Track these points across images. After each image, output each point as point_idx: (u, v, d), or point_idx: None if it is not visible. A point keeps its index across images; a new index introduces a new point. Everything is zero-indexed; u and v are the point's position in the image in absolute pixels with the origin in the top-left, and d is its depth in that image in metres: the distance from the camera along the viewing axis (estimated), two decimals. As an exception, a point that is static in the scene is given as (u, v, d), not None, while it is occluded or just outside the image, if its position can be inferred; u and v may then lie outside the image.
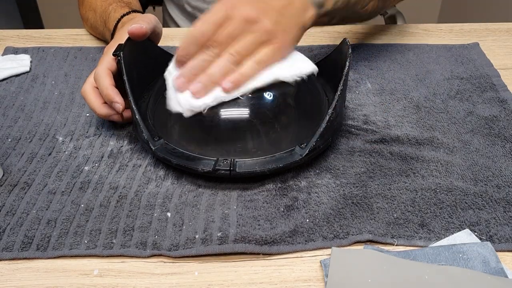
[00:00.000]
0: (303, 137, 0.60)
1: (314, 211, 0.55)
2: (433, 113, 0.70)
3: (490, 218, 0.54)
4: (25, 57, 0.82)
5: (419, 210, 0.55)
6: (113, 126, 0.68)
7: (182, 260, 0.51)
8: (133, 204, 0.56)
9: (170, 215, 0.55)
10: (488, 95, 0.73)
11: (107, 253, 0.51)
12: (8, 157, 0.63)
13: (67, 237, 0.52)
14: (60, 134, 0.67)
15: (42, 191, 0.58)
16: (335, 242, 0.52)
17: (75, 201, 0.57)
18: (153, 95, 0.66)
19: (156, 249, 0.51)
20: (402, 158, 0.62)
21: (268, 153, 0.59)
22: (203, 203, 0.56)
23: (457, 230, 0.53)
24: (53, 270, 0.50)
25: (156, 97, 0.66)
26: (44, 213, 0.55)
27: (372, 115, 0.70)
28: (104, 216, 0.55)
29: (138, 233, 0.53)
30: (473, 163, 0.61)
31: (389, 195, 0.57)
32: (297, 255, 0.51)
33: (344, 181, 0.59)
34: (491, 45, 0.86)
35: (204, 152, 0.59)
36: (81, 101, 0.73)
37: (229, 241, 0.51)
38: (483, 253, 0.49)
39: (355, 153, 0.63)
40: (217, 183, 0.59)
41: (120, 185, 0.59)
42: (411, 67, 0.80)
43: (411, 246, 0.52)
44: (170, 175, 0.60)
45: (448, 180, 0.59)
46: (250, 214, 0.55)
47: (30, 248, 0.51)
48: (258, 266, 0.51)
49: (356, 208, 0.55)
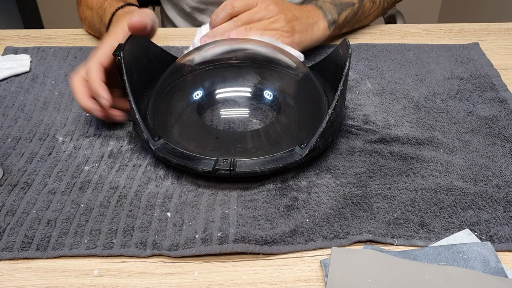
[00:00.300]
0: (303, 137, 0.60)
1: (314, 211, 0.55)
2: (433, 113, 0.70)
3: (490, 218, 0.54)
4: (25, 57, 0.82)
5: (419, 210, 0.55)
6: (113, 126, 0.68)
7: (182, 260, 0.51)
8: (133, 204, 0.56)
9: (170, 215, 0.55)
10: (488, 95, 0.73)
11: (107, 253, 0.51)
12: (8, 157, 0.63)
13: (67, 237, 0.52)
14: (60, 134, 0.67)
15: (42, 191, 0.58)
16: (335, 242, 0.52)
17: (75, 201, 0.56)
18: (153, 95, 0.66)
19: (156, 249, 0.51)
20: (402, 158, 0.62)
21: (268, 153, 0.59)
22: (203, 203, 0.56)
23: (457, 230, 0.53)
24: (53, 270, 0.50)
25: (156, 97, 0.66)
26: (44, 213, 0.55)
27: (372, 115, 0.70)
28: (104, 216, 0.55)
29: (138, 233, 0.53)
30: (473, 163, 0.61)
31: (389, 195, 0.57)
32: (297, 255, 0.51)
33: (344, 181, 0.59)
34: (491, 45, 0.86)
35: (204, 152, 0.59)
36: None
37: (229, 241, 0.51)
38: (483, 253, 0.49)
39: (355, 153, 0.63)
40: (217, 183, 0.59)
41: (120, 185, 0.59)
42: (411, 67, 0.80)
43: (411, 246, 0.52)
44: (170, 175, 0.60)
45: (448, 180, 0.59)
46: (250, 214, 0.54)
47: (30, 248, 0.51)
48: (258, 266, 0.50)
49: (356, 208, 0.55)
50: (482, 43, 0.86)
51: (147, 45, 0.69)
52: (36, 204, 0.56)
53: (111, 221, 0.54)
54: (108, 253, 0.51)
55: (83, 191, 0.58)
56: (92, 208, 0.56)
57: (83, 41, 0.89)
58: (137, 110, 0.61)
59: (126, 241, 0.52)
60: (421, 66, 0.81)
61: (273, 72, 0.68)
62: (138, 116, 0.60)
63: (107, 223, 0.54)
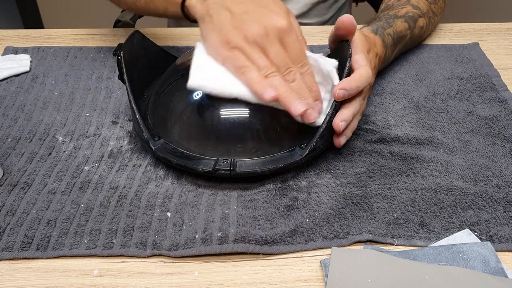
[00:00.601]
0: (303, 137, 0.60)
1: (314, 211, 0.55)
2: (433, 113, 0.70)
3: (490, 218, 0.54)
4: (25, 57, 0.82)
5: (419, 210, 0.55)
6: (113, 126, 0.68)
7: (182, 260, 0.51)
8: (133, 204, 0.56)
9: (170, 215, 0.55)
10: (488, 95, 0.73)
11: (107, 253, 0.51)
12: (8, 157, 0.63)
13: (67, 237, 0.52)
14: (60, 134, 0.67)
15: (42, 191, 0.58)
16: (335, 242, 0.52)
17: (75, 201, 0.56)
18: (153, 95, 0.66)
19: (156, 249, 0.51)
20: (402, 158, 0.62)
21: (268, 153, 0.59)
22: (203, 203, 0.56)
23: (457, 230, 0.53)
24: (53, 270, 0.50)
25: (156, 97, 0.65)
26: (44, 213, 0.55)
27: (372, 115, 0.70)
28: (104, 216, 0.55)
29: (138, 233, 0.53)
30: (473, 163, 0.61)
31: (389, 195, 0.57)
32: (297, 255, 0.51)
33: (344, 181, 0.59)
34: (491, 45, 0.86)
35: (204, 152, 0.59)
36: (81, 101, 0.73)
37: (229, 241, 0.51)
38: (483, 253, 0.49)
39: (355, 153, 0.63)
40: (217, 183, 0.59)
41: (120, 185, 0.58)
42: (411, 67, 0.80)
43: (411, 246, 0.52)
44: (170, 175, 0.60)
45: (448, 180, 0.59)
46: (250, 214, 0.54)
47: (30, 248, 0.51)
48: (258, 266, 0.50)
49: (356, 208, 0.55)
50: (482, 43, 0.86)
51: (147, 45, 0.69)
52: (36, 204, 0.56)
53: (111, 221, 0.54)
54: (108, 253, 0.51)
55: (83, 191, 0.58)
56: (92, 208, 0.56)
57: (83, 41, 0.88)
58: (137, 110, 0.60)
59: (126, 241, 0.52)
60: (421, 66, 0.81)
61: None
62: (138, 116, 0.60)
63: (107, 223, 0.54)
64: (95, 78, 0.78)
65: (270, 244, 0.51)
